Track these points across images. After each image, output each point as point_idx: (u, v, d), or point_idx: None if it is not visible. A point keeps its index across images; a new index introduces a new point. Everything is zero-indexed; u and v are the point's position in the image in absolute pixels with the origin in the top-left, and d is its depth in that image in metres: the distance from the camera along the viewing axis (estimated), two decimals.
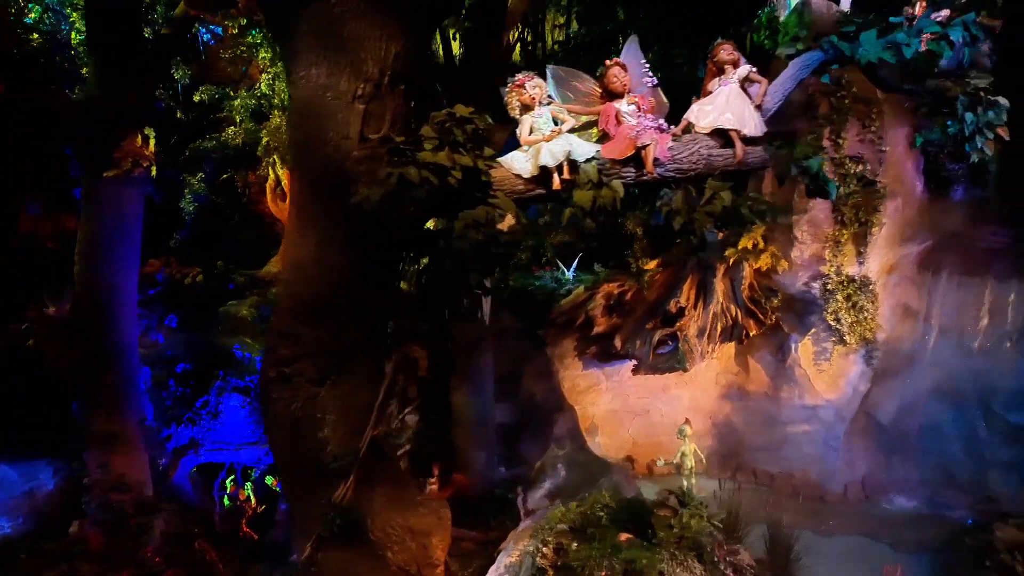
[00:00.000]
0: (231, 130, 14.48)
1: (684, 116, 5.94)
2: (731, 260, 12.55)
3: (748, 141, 5.89)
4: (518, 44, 16.75)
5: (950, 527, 11.01)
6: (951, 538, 10.82)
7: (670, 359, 12.55)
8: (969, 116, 6.87)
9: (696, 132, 5.87)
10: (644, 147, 5.65)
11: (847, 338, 12.26)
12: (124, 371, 10.29)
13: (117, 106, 8.76)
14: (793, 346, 12.73)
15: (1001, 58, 13.11)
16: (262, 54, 12.99)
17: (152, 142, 9.77)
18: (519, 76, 5.84)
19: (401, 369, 11.29)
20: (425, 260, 6.03)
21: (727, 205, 5.87)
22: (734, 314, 12.61)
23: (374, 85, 5.23)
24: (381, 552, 5.71)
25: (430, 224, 5.83)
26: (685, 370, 12.60)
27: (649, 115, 5.82)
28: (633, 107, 5.83)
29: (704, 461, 12.73)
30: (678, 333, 12.48)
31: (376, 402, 5.76)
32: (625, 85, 5.85)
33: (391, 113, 5.38)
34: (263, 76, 13.68)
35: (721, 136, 5.82)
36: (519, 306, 12.83)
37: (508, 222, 5.48)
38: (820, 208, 12.34)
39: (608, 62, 5.94)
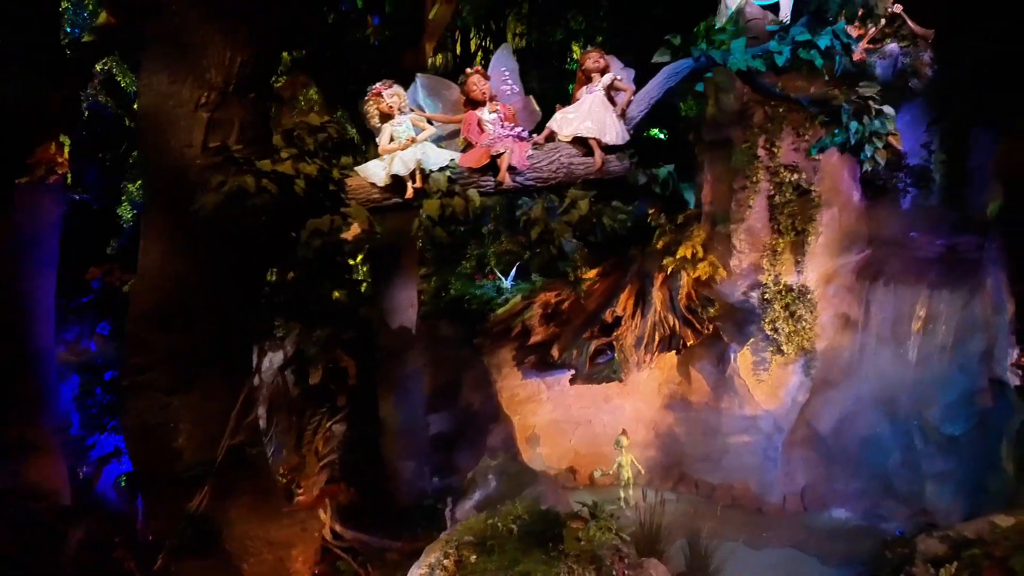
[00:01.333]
0: None
1: (547, 124, 5.91)
2: (669, 269, 12.50)
3: (610, 149, 5.85)
4: (450, 52, 16.80)
5: (884, 540, 10.87)
6: (882, 551, 10.70)
7: (606, 369, 12.48)
8: (854, 125, 6.81)
9: (559, 140, 5.84)
10: (499, 155, 5.61)
11: (785, 348, 12.17)
12: (39, 378, 10.23)
13: (29, 112, 8.75)
14: (732, 356, 12.65)
15: (940, 68, 13.13)
16: None
17: (67, 149, 9.75)
18: (376, 85, 5.80)
19: (329, 378, 11.31)
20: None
21: (584, 214, 5.83)
22: (672, 323, 12.55)
23: (219, 93, 5.21)
24: (237, 563, 5.66)
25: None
26: (620, 380, 12.53)
27: (510, 124, 5.78)
28: (495, 115, 5.78)
29: (642, 471, 12.73)
30: (614, 343, 12.40)
31: (234, 410, 5.70)
32: (485, 93, 5.81)
33: (239, 121, 5.35)
34: None
35: (583, 144, 5.77)
36: (457, 315, 12.78)
37: (354, 231, 5.44)
38: (757, 217, 12.28)
39: (468, 70, 5.90)
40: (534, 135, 5.94)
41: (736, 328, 12.73)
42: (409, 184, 5.49)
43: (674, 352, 13.27)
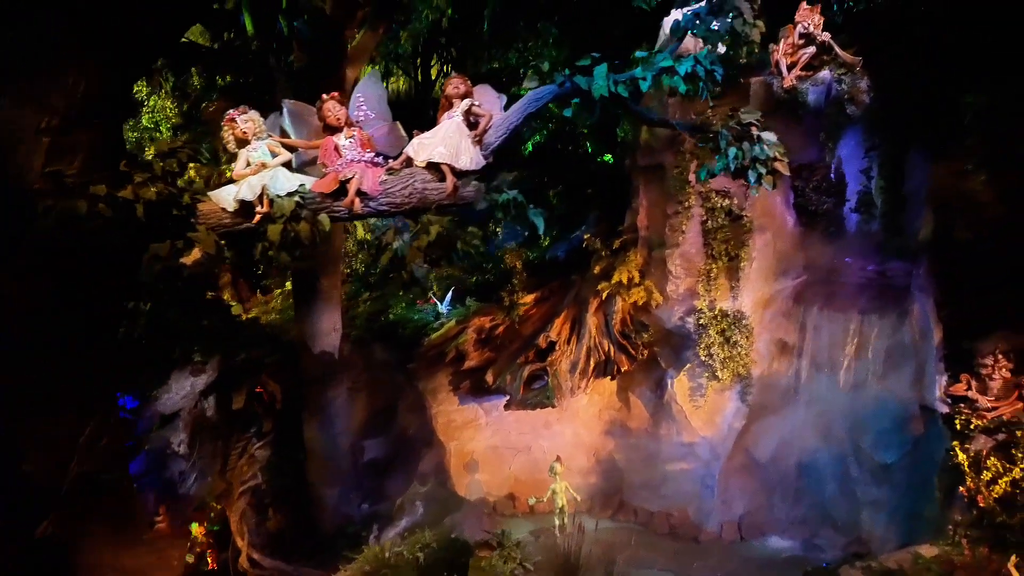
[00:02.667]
0: None
1: (404, 150, 5.91)
2: (604, 294, 12.45)
3: (465, 175, 5.83)
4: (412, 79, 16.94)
5: (806, 570, 10.67)
6: None
7: (540, 395, 12.38)
8: (733, 151, 6.79)
9: (415, 166, 5.83)
10: (348, 180, 5.60)
11: (720, 374, 12.07)
12: None
13: None
14: (670, 382, 12.54)
15: (877, 94, 13.17)
16: None
17: None
18: (231, 111, 5.83)
19: (253, 402, 11.23)
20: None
21: (432, 240, 5.80)
22: (607, 349, 12.47)
23: (61, 119, 5.22)
24: None
25: None
26: (553, 406, 12.42)
27: (365, 149, 5.77)
28: (351, 141, 5.79)
29: (578, 498, 12.54)
30: (548, 368, 12.31)
31: (82, 437, 5.64)
32: (340, 119, 5.82)
33: (86, 147, 5.35)
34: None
35: (438, 170, 5.77)
36: (392, 339, 12.72)
37: (194, 256, 5.42)
38: (691, 242, 12.26)
39: (324, 96, 5.93)
40: (391, 160, 5.93)
41: (673, 353, 12.65)
42: (257, 209, 5.49)
43: (614, 378, 13.18)
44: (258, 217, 5.49)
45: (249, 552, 10.31)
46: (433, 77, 19.60)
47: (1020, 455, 9.55)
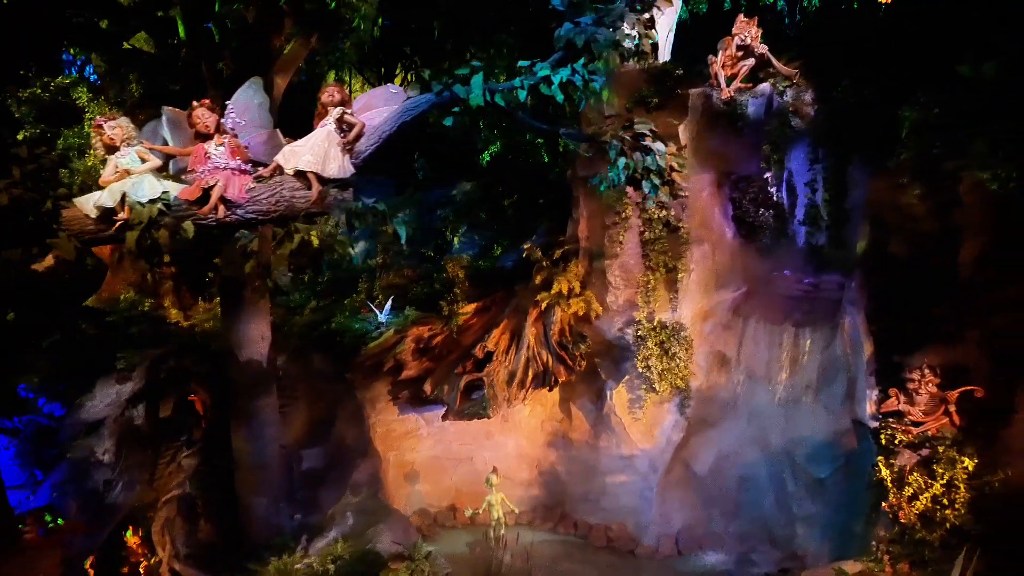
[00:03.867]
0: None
1: (275, 158, 5.87)
2: (543, 304, 12.40)
3: (333, 183, 5.80)
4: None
5: None
6: None
7: (476, 405, 12.29)
8: (622, 161, 6.76)
9: (285, 174, 5.79)
10: (211, 187, 5.57)
11: (657, 386, 12.00)
12: None
13: None
14: (609, 393, 12.48)
15: (821, 106, 13.18)
16: None
17: None
18: (98, 117, 5.80)
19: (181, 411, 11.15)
20: None
21: (295, 249, 5.77)
22: (545, 360, 12.40)
23: None
24: None
25: None
26: (488, 416, 12.33)
27: (234, 156, 5.73)
28: (222, 148, 5.76)
29: (515, 510, 12.45)
30: (485, 379, 12.24)
31: None
32: (209, 126, 5.79)
33: None
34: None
35: (306, 178, 5.73)
36: (332, 348, 12.64)
37: (47, 263, 5.38)
38: (630, 253, 12.23)
39: (194, 102, 5.90)
40: (260, 168, 5.90)
41: (613, 365, 12.59)
42: (118, 215, 5.45)
43: (556, 388, 13.12)
44: (117, 224, 5.45)
45: (170, 563, 10.21)
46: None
47: (940, 471, 9.48)
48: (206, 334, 11.63)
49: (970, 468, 9.40)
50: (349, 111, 5.90)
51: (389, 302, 12.86)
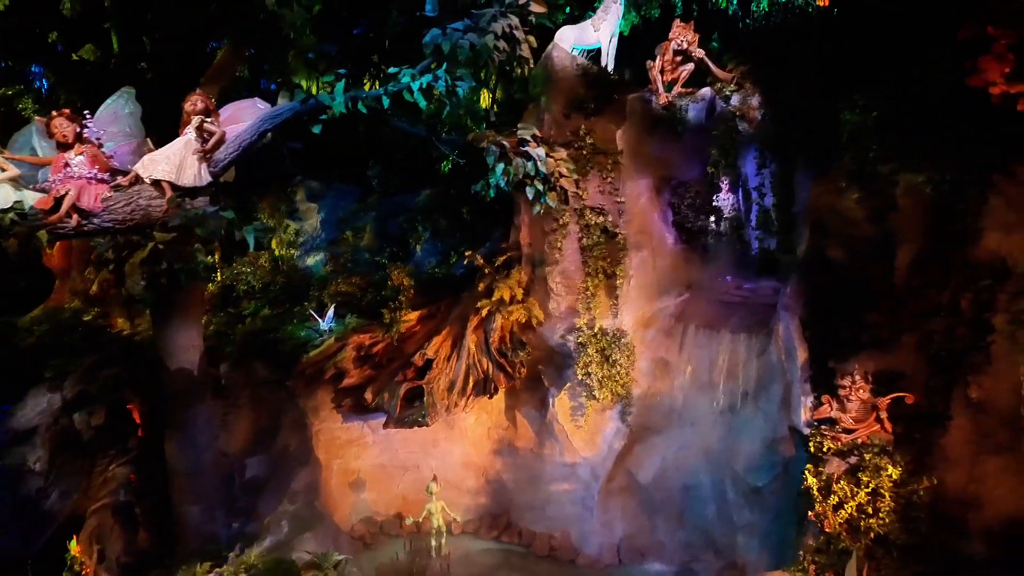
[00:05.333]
0: None
1: (135, 167, 5.89)
2: (483, 312, 12.34)
3: (189, 191, 5.80)
4: None
5: None
6: None
7: (415, 413, 12.24)
8: (500, 167, 6.71)
9: (144, 183, 5.80)
10: (62, 197, 5.59)
11: (597, 393, 11.92)
12: None
13: None
14: (552, 401, 12.40)
15: (769, 110, 13.07)
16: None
17: None
18: None
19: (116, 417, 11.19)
20: None
21: (146, 257, 5.78)
22: (485, 367, 12.34)
23: None
24: None
25: None
26: (427, 424, 12.25)
27: (93, 166, 5.75)
28: (80, 158, 5.78)
29: (457, 519, 12.39)
30: (424, 386, 12.19)
31: None
32: (67, 136, 5.82)
33: None
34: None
35: (161, 186, 5.74)
36: (275, 356, 12.65)
37: None
38: (570, 259, 12.16)
39: (53, 113, 5.93)
40: (119, 177, 5.92)
41: (556, 372, 12.52)
42: None
43: (503, 396, 13.05)
44: None
45: (96, 571, 10.23)
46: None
47: (866, 479, 9.33)
48: (145, 343, 11.67)
49: (894, 476, 9.25)
50: (210, 120, 5.91)
51: (331, 310, 12.85)
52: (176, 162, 5.68)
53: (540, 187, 6.85)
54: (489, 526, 13.04)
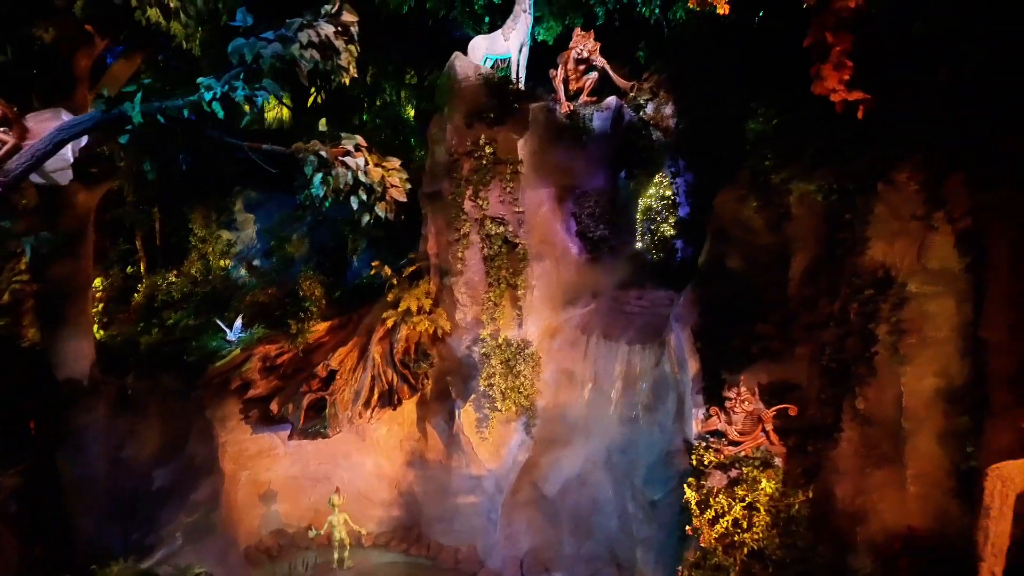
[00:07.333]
0: None
1: None
2: (389, 323, 12.27)
3: None
4: None
5: None
6: None
7: (318, 424, 12.15)
8: (318, 177, 6.63)
9: None
10: None
11: (500, 405, 11.79)
12: None
13: None
14: (458, 412, 12.28)
15: (682, 120, 13.02)
16: None
17: None
18: None
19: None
20: None
21: None
22: (390, 378, 12.25)
23: None
24: None
25: None
26: (327, 436, 12.15)
27: None
28: None
29: (362, 532, 12.27)
30: (327, 397, 12.10)
31: None
32: None
33: None
34: None
35: None
36: (181, 366, 12.60)
37: None
38: (474, 270, 12.08)
39: None
40: None
41: (462, 383, 12.41)
42: None
43: (415, 407, 12.93)
44: None
45: None
46: (308, 104, 19.70)
47: (742, 493, 9.16)
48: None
49: (769, 490, 9.08)
50: (2, 129, 5.88)
51: (239, 320, 12.81)
52: None
53: (364, 198, 6.77)
54: (400, 538, 12.91)
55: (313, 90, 18.99)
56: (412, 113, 16.43)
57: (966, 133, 8.74)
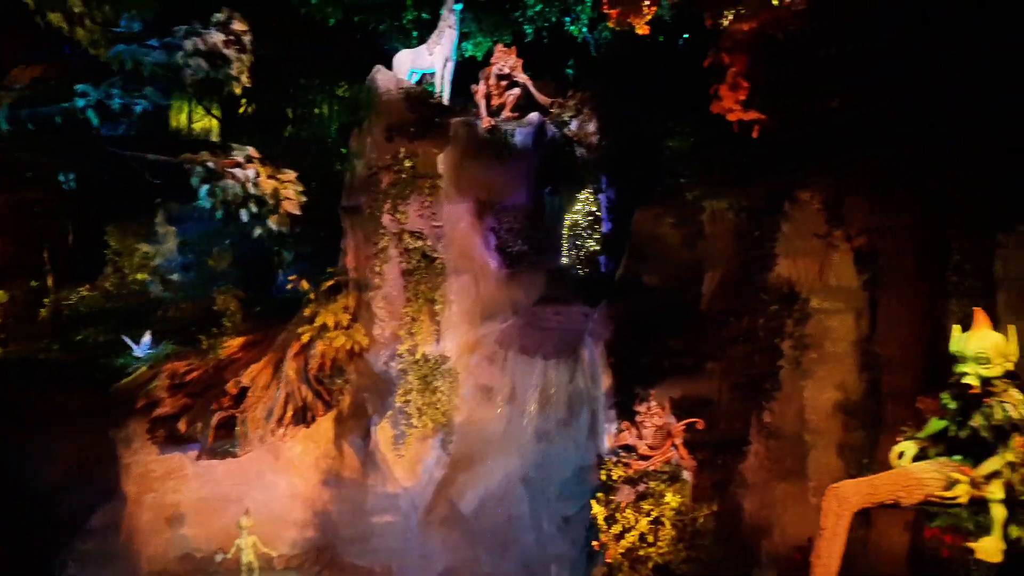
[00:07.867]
0: None
1: None
2: (304, 338, 11.99)
3: None
4: None
5: None
6: None
7: (227, 443, 11.76)
8: (205, 189, 6.46)
9: None
10: None
11: (416, 421, 11.62)
12: None
13: None
14: (373, 429, 12.04)
15: (606, 137, 13.16)
16: None
17: None
18: None
19: None
20: None
21: None
22: (304, 395, 11.96)
23: None
24: None
25: None
26: (236, 455, 11.78)
27: None
28: None
29: (273, 554, 11.87)
30: (238, 415, 11.73)
31: None
32: None
33: None
34: None
35: None
36: (87, 384, 12.08)
37: None
38: (392, 284, 11.94)
39: None
40: None
41: (379, 400, 12.19)
42: None
43: (308, 425, 12.54)
44: None
45: None
46: (240, 112, 19.32)
47: (647, 507, 9.16)
48: None
49: (674, 504, 9.11)
50: None
51: (147, 336, 12.36)
52: None
53: (255, 209, 6.59)
54: (313, 560, 12.53)
55: (244, 101, 18.70)
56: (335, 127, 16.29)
57: (862, 155, 9.06)
